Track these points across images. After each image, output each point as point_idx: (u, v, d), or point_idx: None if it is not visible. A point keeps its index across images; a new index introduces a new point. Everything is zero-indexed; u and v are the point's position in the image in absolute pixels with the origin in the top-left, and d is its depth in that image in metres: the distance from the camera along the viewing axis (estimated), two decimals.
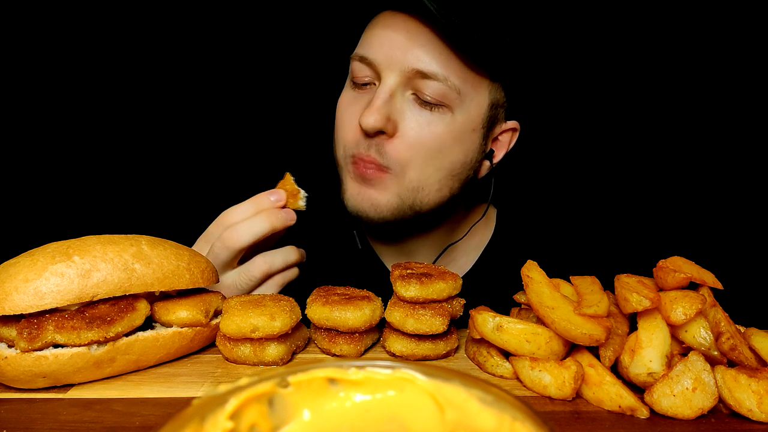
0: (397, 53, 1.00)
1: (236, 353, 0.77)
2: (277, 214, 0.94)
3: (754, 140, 1.86)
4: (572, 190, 1.93)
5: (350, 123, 1.07)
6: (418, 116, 1.02)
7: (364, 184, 1.06)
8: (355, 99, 1.08)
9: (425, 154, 1.03)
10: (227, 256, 0.92)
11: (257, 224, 0.91)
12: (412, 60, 1.00)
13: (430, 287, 0.77)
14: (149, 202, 1.92)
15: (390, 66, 1.01)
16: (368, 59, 1.04)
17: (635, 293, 0.70)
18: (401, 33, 1.01)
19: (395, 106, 1.02)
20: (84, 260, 0.70)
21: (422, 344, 0.79)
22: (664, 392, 0.63)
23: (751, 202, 1.87)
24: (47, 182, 1.91)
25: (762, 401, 0.62)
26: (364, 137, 1.03)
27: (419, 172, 1.04)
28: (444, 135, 1.03)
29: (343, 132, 1.09)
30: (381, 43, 1.03)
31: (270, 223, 0.92)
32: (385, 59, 1.02)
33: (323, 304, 0.79)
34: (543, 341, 0.72)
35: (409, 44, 1.00)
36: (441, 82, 1.00)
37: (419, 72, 1.00)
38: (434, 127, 1.03)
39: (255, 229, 0.91)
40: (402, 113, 1.03)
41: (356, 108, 1.06)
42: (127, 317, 0.72)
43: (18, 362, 0.67)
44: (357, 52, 1.07)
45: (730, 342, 0.66)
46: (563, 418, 0.65)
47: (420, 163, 1.04)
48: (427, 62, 0.99)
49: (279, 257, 0.96)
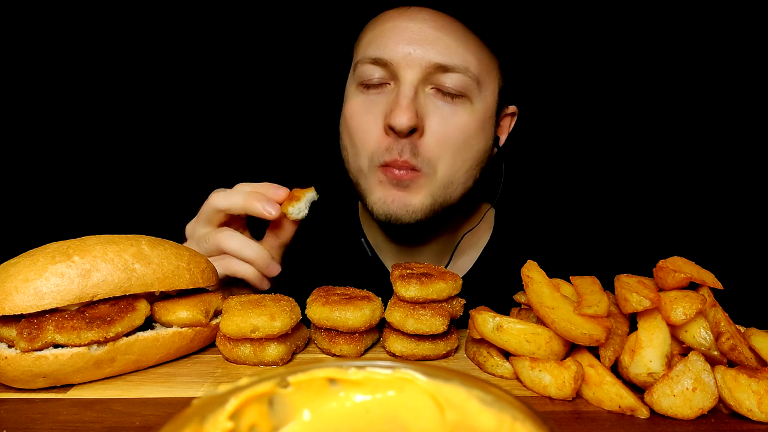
0: (416, 50, 0.99)
1: (236, 353, 0.77)
2: (259, 199, 0.90)
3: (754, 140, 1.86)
4: (572, 190, 1.92)
5: (373, 128, 1.04)
6: (442, 110, 1.02)
7: (396, 188, 1.03)
8: (371, 102, 1.05)
9: (453, 147, 1.03)
10: (204, 212, 0.94)
11: (234, 197, 0.92)
12: (431, 55, 0.98)
13: (430, 287, 0.77)
14: (149, 202, 1.92)
15: (409, 63, 0.99)
16: (383, 60, 1.01)
17: (635, 293, 0.70)
18: (414, 29, 1.00)
19: (420, 103, 1.01)
20: (84, 260, 0.70)
21: (422, 344, 0.79)
22: (664, 392, 0.63)
23: (751, 202, 1.87)
24: (47, 182, 1.91)
25: (762, 401, 0.62)
26: (396, 139, 1.00)
27: (449, 167, 1.04)
28: (468, 125, 1.03)
29: (365, 139, 1.05)
30: (395, 41, 1.00)
31: (246, 202, 0.90)
32: (403, 57, 1.00)
33: (323, 304, 0.79)
34: (543, 341, 0.72)
35: (426, 39, 0.99)
36: (462, 74, 0.99)
37: (440, 66, 0.99)
38: (458, 119, 1.02)
39: (231, 200, 0.92)
40: (426, 109, 1.01)
41: (375, 112, 1.03)
42: (127, 317, 0.72)
43: (18, 362, 0.67)
44: (367, 54, 1.04)
45: (730, 342, 0.66)
46: (563, 418, 0.65)
47: (449, 158, 1.03)
48: (446, 55, 0.99)
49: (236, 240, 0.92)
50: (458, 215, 1.21)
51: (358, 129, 1.06)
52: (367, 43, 1.06)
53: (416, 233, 1.16)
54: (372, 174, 1.05)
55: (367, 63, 1.04)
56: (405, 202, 1.04)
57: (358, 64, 1.06)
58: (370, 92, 1.06)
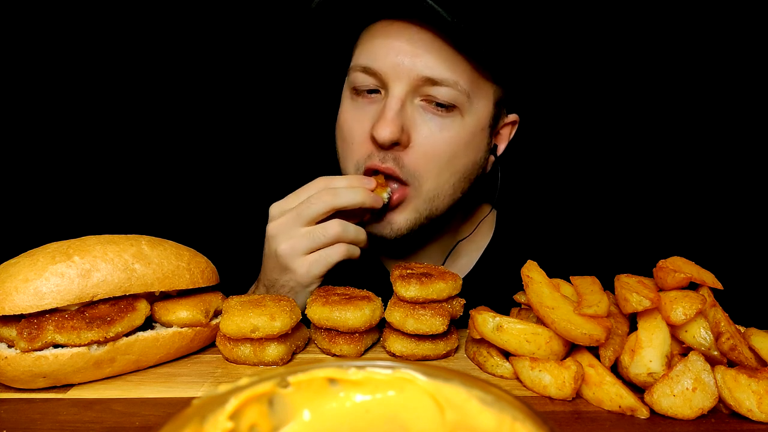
0: (405, 61, 0.98)
1: (236, 353, 0.77)
2: (370, 195, 0.97)
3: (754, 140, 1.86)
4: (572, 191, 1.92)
5: (360, 135, 1.04)
6: (430, 123, 1.01)
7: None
8: (360, 109, 1.05)
9: (440, 161, 1.02)
10: (320, 209, 0.94)
11: (356, 194, 0.95)
12: (420, 67, 0.98)
13: (430, 287, 0.77)
14: (149, 202, 1.92)
15: (398, 75, 0.99)
16: (373, 69, 1.01)
17: (635, 293, 0.70)
18: (405, 40, 0.99)
19: (407, 115, 1.00)
20: (84, 260, 0.70)
21: (422, 344, 0.79)
22: (664, 392, 0.63)
23: (751, 202, 1.87)
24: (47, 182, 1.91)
25: (762, 401, 0.62)
26: (378, 149, 1.01)
27: (434, 180, 1.03)
28: (456, 139, 1.03)
29: (352, 145, 1.06)
30: (386, 52, 1.00)
31: (363, 197, 0.96)
32: (392, 68, 0.99)
33: (323, 304, 0.79)
34: (543, 341, 0.72)
35: (416, 51, 0.98)
36: (451, 87, 0.99)
37: (429, 79, 0.98)
38: (446, 133, 1.02)
39: (354, 197, 0.95)
40: (414, 122, 1.01)
41: (364, 119, 1.04)
42: (127, 317, 0.72)
43: (18, 362, 0.67)
44: (359, 62, 1.05)
45: (730, 342, 0.66)
46: (563, 418, 0.65)
47: (435, 171, 1.03)
48: (435, 68, 0.98)
49: (352, 228, 0.97)
50: (456, 218, 1.21)
51: (347, 135, 1.07)
52: (360, 50, 1.06)
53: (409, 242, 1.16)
54: None
55: (359, 71, 1.04)
56: (388, 220, 1.05)
57: (351, 70, 1.07)
58: (360, 99, 1.06)
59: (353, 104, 1.07)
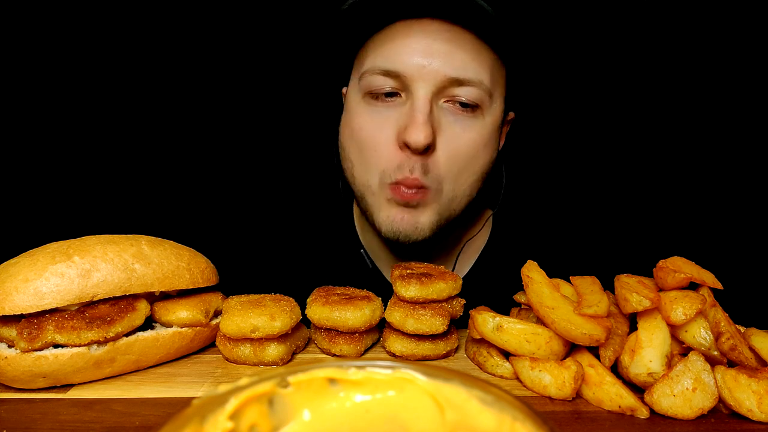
0: (431, 62, 0.95)
1: (236, 353, 0.77)
2: None
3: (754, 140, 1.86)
4: (571, 190, 1.92)
5: (384, 142, 0.99)
6: (454, 125, 0.98)
7: (406, 207, 1.00)
8: (380, 114, 1.00)
9: (461, 164, 1.00)
10: None
11: None
12: (446, 68, 0.95)
13: (430, 287, 0.77)
14: (149, 202, 1.92)
15: (423, 77, 0.95)
16: (395, 72, 0.97)
17: (635, 293, 0.70)
18: (430, 40, 0.96)
19: (434, 118, 0.97)
20: (84, 260, 0.70)
21: (422, 344, 0.79)
22: (664, 392, 0.63)
23: (751, 202, 1.87)
24: (47, 182, 1.91)
25: (762, 401, 0.62)
26: (409, 156, 0.97)
27: (453, 182, 1.01)
28: (477, 140, 1.00)
29: (375, 153, 1.00)
30: (408, 53, 0.96)
31: None
32: (417, 70, 0.95)
33: (323, 304, 0.79)
34: (543, 341, 0.72)
35: (438, 51, 0.95)
36: (476, 87, 0.96)
37: (455, 80, 0.95)
38: (469, 134, 0.99)
39: None
40: (439, 124, 0.98)
41: (386, 125, 0.99)
42: (127, 317, 0.72)
43: (18, 362, 0.67)
44: (377, 65, 0.99)
45: (730, 342, 0.66)
46: (563, 418, 0.65)
47: (455, 173, 1.00)
48: (461, 69, 0.95)
49: None
50: (459, 226, 1.19)
51: (368, 144, 1.01)
52: (376, 53, 1.01)
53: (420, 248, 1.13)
54: (381, 191, 1.01)
55: (377, 74, 0.99)
56: (414, 221, 1.01)
57: (366, 74, 1.01)
58: (378, 104, 1.01)
59: (370, 109, 1.02)
